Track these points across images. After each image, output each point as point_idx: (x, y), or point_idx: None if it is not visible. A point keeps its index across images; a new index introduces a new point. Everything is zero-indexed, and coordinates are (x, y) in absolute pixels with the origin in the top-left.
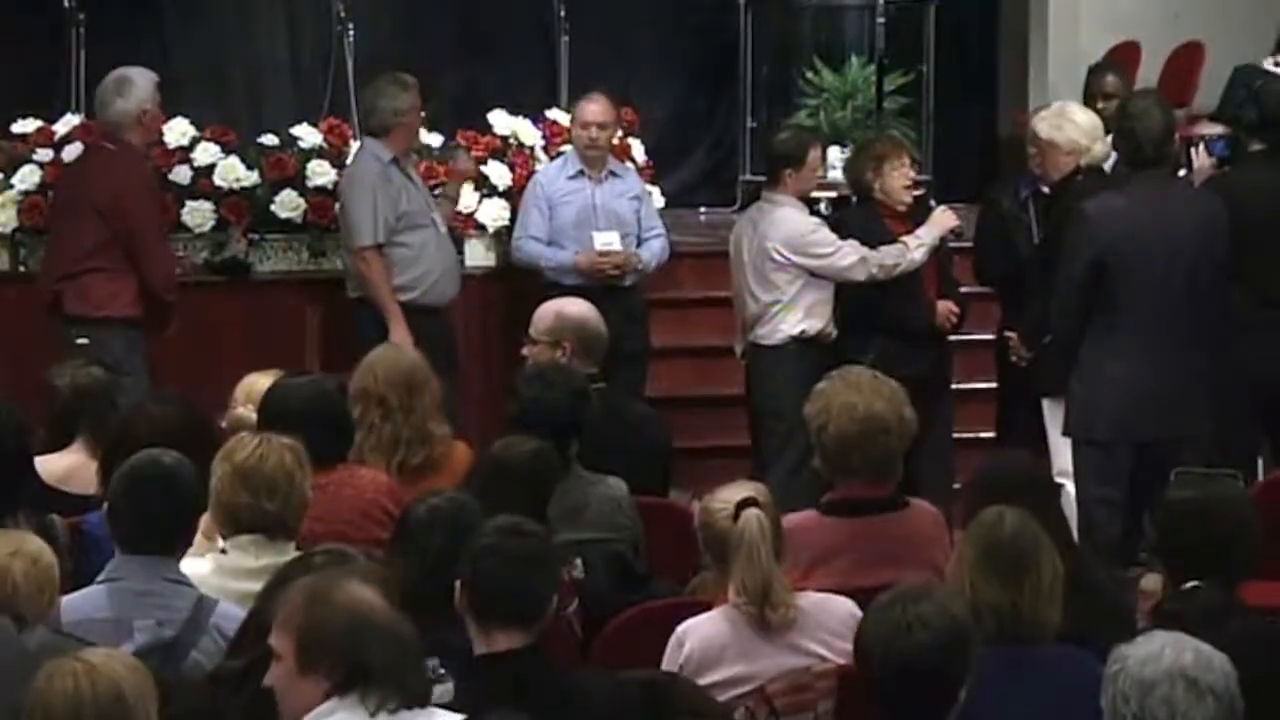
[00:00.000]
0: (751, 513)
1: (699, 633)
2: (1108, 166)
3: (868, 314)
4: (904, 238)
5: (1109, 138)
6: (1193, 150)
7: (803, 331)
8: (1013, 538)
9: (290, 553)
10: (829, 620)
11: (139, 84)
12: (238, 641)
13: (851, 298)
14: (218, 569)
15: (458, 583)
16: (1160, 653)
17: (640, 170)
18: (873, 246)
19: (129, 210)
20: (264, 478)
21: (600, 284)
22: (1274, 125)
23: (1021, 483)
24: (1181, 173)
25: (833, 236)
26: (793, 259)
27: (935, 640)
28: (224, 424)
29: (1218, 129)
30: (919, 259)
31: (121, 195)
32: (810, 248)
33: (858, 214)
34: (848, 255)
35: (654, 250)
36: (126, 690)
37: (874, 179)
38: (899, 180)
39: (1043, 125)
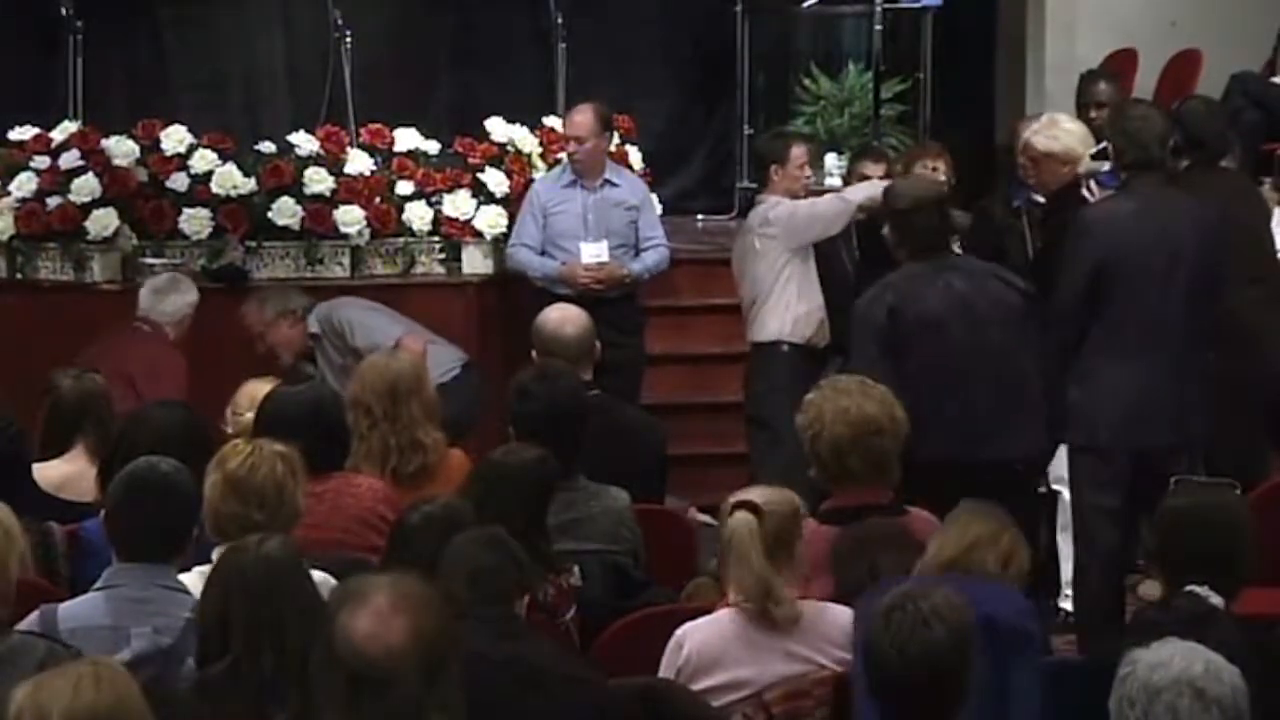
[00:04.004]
0: (739, 516)
1: (698, 636)
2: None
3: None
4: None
5: (1102, 144)
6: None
7: (786, 325)
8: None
9: None
10: (829, 628)
11: (189, 290)
12: (204, 646)
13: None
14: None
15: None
16: (1170, 660)
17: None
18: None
19: (162, 384)
20: (254, 488)
21: (587, 295)
22: (1198, 143)
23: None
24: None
25: (799, 200)
26: (770, 233)
27: (951, 634)
28: (229, 429)
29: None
30: None
31: (159, 370)
32: (780, 214)
33: None
34: (817, 200)
35: (647, 262)
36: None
37: (903, 174)
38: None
39: (1038, 138)
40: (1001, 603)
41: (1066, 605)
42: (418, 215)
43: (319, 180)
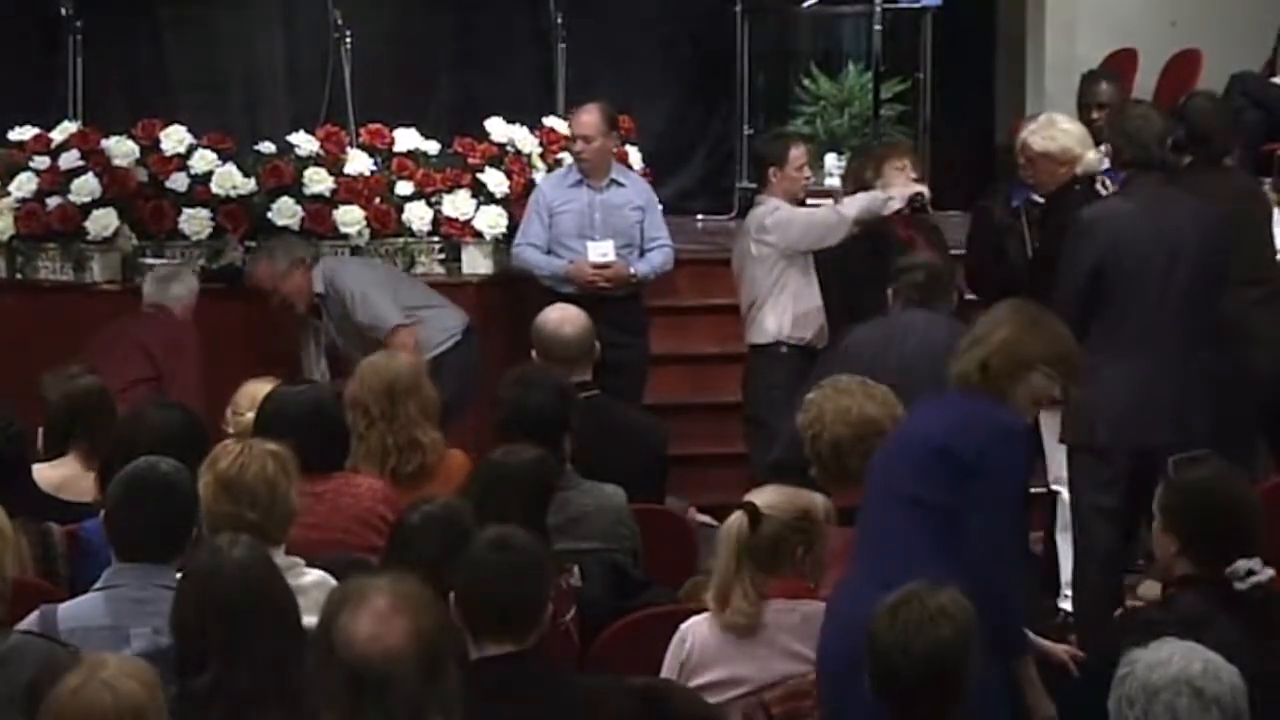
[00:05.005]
0: (732, 517)
1: (699, 632)
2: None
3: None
4: (874, 191)
5: (1102, 146)
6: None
7: (784, 326)
8: None
9: (278, 558)
10: None
11: (192, 278)
12: (182, 654)
13: (856, 306)
14: None
15: (451, 594)
16: (1169, 660)
17: None
18: (877, 246)
19: (182, 356)
20: (245, 487)
21: (593, 294)
22: (1203, 139)
23: None
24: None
25: (796, 208)
26: (767, 240)
27: (958, 633)
28: (229, 429)
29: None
30: (892, 208)
31: (178, 342)
32: (778, 221)
33: None
34: (814, 210)
35: (653, 263)
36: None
37: (874, 178)
38: (899, 179)
39: (1035, 138)
40: (960, 430)
41: (1066, 605)
42: (418, 215)
43: (319, 180)
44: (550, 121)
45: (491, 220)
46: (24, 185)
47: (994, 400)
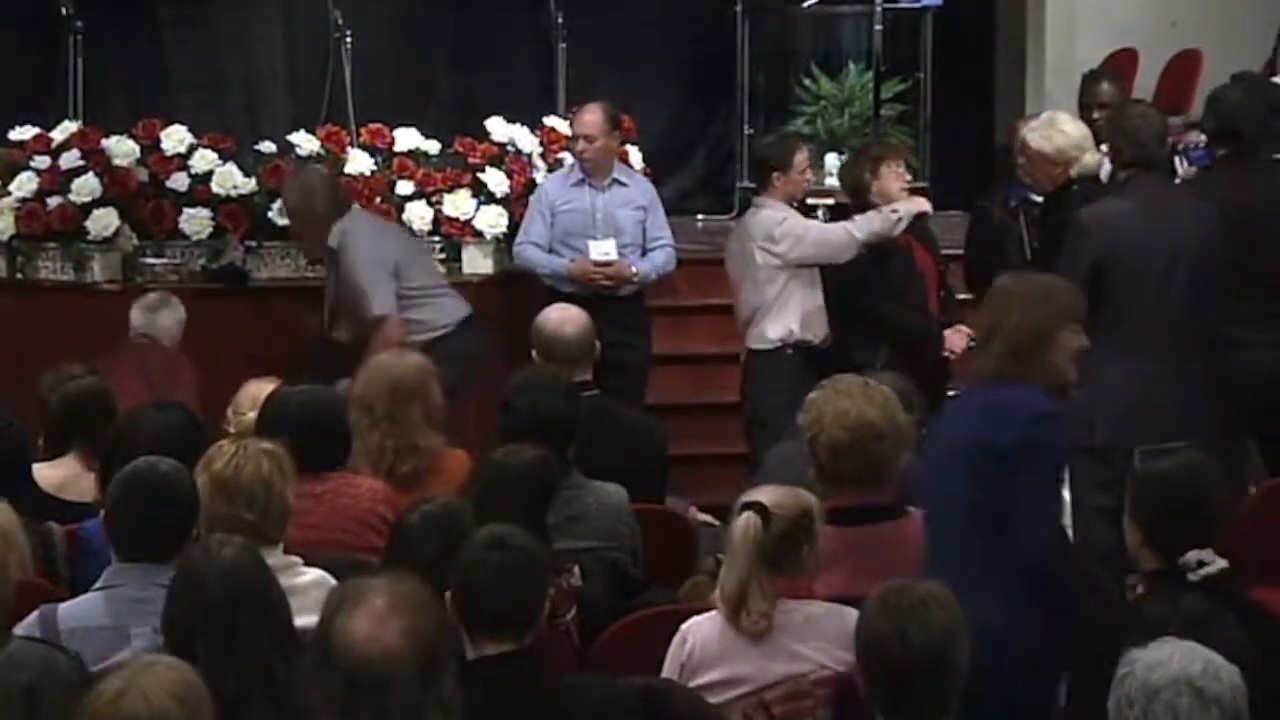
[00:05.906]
0: (744, 518)
1: (701, 631)
2: (1103, 175)
3: (872, 323)
4: (882, 207)
5: (1102, 146)
6: (1176, 159)
7: (790, 332)
8: None
9: (275, 557)
10: (836, 629)
11: (179, 307)
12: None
13: (854, 308)
14: None
15: (448, 593)
16: (1169, 660)
17: None
18: (878, 249)
19: (176, 378)
20: (241, 487)
21: (595, 293)
22: (1231, 133)
23: None
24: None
25: (806, 220)
26: (775, 250)
27: (947, 617)
28: (230, 429)
29: (1200, 137)
30: (901, 228)
31: (174, 369)
32: (788, 233)
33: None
34: (826, 228)
35: (655, 262)
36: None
37: (871, 180)
38: (895, 182)
39: (1033, 136)
40: (994, 422)
41: None
42: (418, 215)
43: None
44: (550, 121)
45: (492, 220)
46: (24, 185)
47: (1017, 386)
